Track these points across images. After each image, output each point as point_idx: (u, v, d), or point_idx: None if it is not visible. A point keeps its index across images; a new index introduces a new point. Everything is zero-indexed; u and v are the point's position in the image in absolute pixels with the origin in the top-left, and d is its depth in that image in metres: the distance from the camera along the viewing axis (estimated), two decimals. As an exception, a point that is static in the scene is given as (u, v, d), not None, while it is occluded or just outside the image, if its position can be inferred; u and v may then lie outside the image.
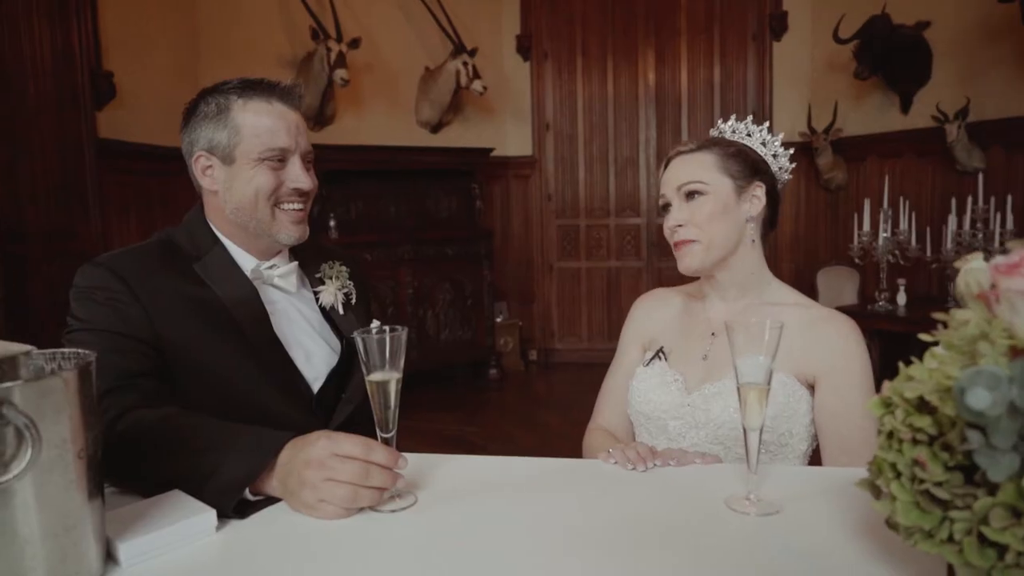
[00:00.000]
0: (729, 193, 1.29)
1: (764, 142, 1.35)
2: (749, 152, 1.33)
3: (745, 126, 1.36)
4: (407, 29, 5.56)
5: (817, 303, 1.34)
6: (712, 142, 1.33)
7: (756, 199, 1.31)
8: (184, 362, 1.16)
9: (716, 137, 1.36)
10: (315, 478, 0.88)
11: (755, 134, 1.35)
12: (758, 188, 1.31)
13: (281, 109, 1.26)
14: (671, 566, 0.77)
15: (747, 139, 1.35)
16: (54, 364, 0.83)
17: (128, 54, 4.17)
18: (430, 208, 5.67)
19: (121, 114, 4.11)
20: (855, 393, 1.20)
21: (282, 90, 1.27)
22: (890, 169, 5.05)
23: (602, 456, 1.09)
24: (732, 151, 1.31)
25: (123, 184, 4.15)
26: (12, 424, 0.66)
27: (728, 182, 1.29)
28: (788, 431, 1.21)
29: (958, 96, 4.64)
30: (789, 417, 1.21)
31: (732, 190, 1.29)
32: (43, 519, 0.70)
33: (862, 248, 4.58)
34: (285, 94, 1.27)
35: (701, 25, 5.82)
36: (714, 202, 1.28)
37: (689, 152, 1.32)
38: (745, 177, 1.30)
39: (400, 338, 0.92)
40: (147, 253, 1.24)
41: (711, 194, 1.28)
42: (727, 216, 1.28)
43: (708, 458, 1.07)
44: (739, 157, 1.31)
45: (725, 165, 1.29)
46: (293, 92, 1.29)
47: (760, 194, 1.31)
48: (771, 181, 1.34)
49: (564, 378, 5.84)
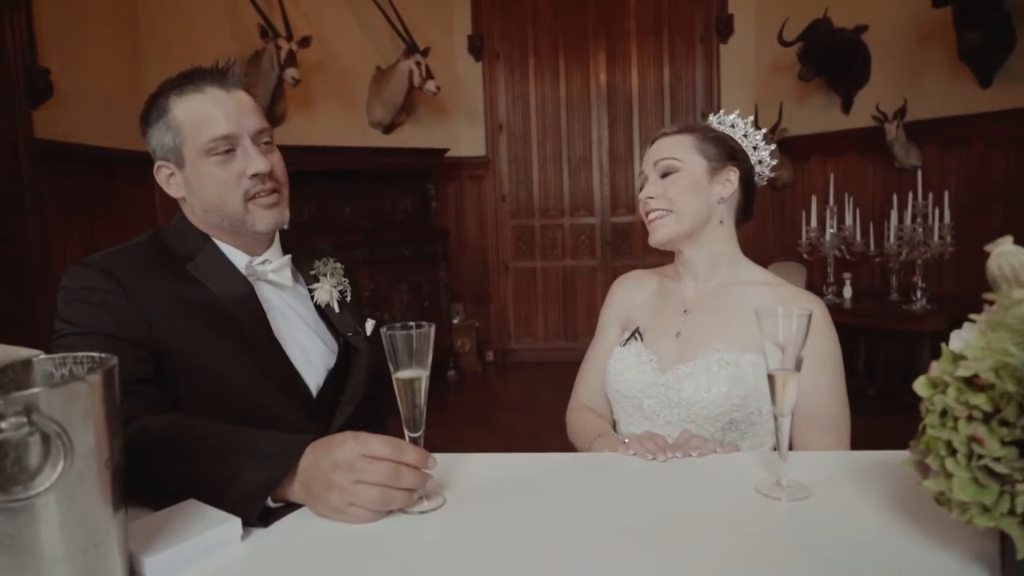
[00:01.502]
0: (702, 172, 1.35)
1: (746, 134, 1.41)
2: (728, 140, 1.39)
3: (731, 119, 1.43)
4: (358, 28, 5.47)
5: (786, 282, 1.39)
6: (694, 126, 1.40)
7: (728, 182, 1.36)
8: (182, 365, 1.11)
9: (699, 123, 1.43)
10: (344, 481, 0.85)
11: (738, 126, 1.42)
12: (731, 173, 1.36)
13: (216, 94, 1.17)
14: (709, 554, 0.77)
15: (730, 130, 1.41)
16: (64, 370, 0.78)
17: (66, 51, 3.97)
18: (385, 209, 5.60)
19: (59, 113, 3.90)
20: (822, 371, 1.24)
21: (213, 74, 1.18)
22: (834, 167, 5.23)
23: (621, 449, 1.09)
24: (712, 136, 1.38)
25: (62, 187, 3.94)
26: (40, 432, 0.62)
27: (702, 162, 1.35)
28: (758, 410, 1.26)
29: (896, 96, 4.84)
30: (759, 396, 1.25)
31: (705, 170, 1.35)
32: (71, 535, 0.65)
33: (810, 244, 4.75)
34: (217, 77, 1.18)
35: (650, 27, 5.92)
36: (686, 178, 1.34)
37: (672, 134, 1.39)
38: (720, 160, 1.36)
39: (428, 334, 0.90)
40: (139, 252, 1.18)
41: (684, 171, 1.35)
42: (698, 193, 1.34)
43: (727, 447, 1.09)
44: (717, 142, 1.37)
45: (701, 147, 1.36)
46: (227, 73, 1.19)
47: (733, 179, 1.36)
48: (746, 170, 1.39)
49: (522, 378, 5.84)
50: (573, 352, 6.76)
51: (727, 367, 1.25)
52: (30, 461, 0.62)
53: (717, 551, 0.78)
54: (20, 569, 0.63)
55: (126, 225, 4.40)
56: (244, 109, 1.18)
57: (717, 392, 1.24)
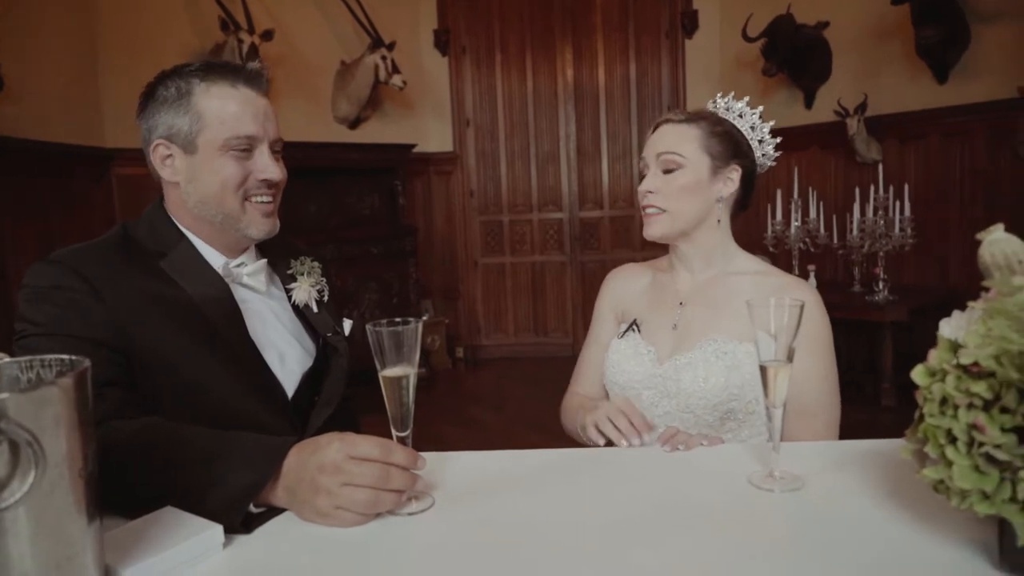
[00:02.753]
0: (704, 171, 1.32)
1: (753, 126, 1.37)
2: (734, 134, 1.35)
3: (740, 106, 1.38)
4: (321, 21, 5.38)
5: (779, 270, 1.39)
6: (701, 116, 1.35)
7: (730, 181, 1.34)
8: (153, 367, 1.06)
9: (707, 111, 1.37)
10: (331, 483, 0.82)
11: (746, 116, 1.37)
12: (734, 171, 1.34)
13: (248, 93, 1.17)
14: (702, 546, 0.77)
15: (737, 120, 1.37)
16: (31, 373, 0.73)
17: (16, 44, 3.81)
18: (352, 206, 5.51)
19: (11, 109, 3.76)
20: (812, 358, 1.24)
21: (248, 73, 1.19)
22: (797, 161, 5.31)
23: (591, 433, 1.09)
24: (719, 130, 1.33)
25: (15, 186, 3.80)
26: (8, 440, 0.58)
27: (706, 160, 1.32)
28: (755, 399, 1.26)
29: (856, 92, 4.93)
30: (757, 385, 1.24)
31: (708, 168, 1.32)
32: (43, 549, 0.62)
33: (775, 237, 4.81)
34: (252, 77, 1.18)
35: (616, 22, 5.93)
36: (688, 177, 1.31)
37: (677, 122, 1.35)
38: (724, 158, 1.32)
39: (415, 330, 0.88)
40: (107, 249, 1.12)
41: (687, 168, 1.31)
42: (698, 193, 1.32)
43: (713, 439, 1.09)
44: (723, 138, 1.33)
45: (707, 143, 1.32)
46: (261, 76, 1.20)
47: (735, 177, 1.34)
48: (750, 165, 1.36)
49: (492, 374, 5.82)
50: (543, 347, 6.80)
51: (724, 357, 1.25)
52: (-1, 471, 0.58)
53: (710, 543, 0.77)
54: (-12, 587, 0.59)
55: (84, 224, 4.25)
56: (269, 115, 1.20)
57: (715, 382, 1.24)
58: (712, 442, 1.08)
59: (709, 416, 1.26)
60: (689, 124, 1.33)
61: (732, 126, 1.36)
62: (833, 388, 1.27)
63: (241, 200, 1.18)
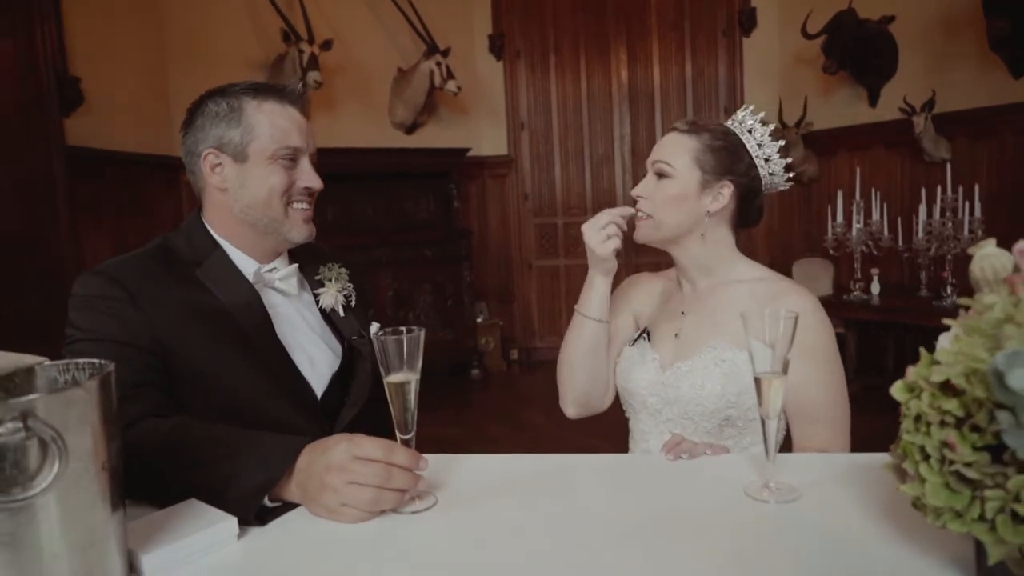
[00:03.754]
0: (693, 184, 1.32)
1: (761, 143, 1.35)
2: (735, 149, 1.34)
3: (750, 123, 1.36)
4: (378, 30, 5.53)
5: (779, 276, 1.37)
6: (705, 128, 1.34)
7: (720, 196, 1.33)
8: (187, 370, 1.14)
9: (713, 124, 1.36)
10: (337, 482, 0.87)
11: (756, 132, 1.35)
12: (725, 187, 1.33)
13: (293, 112, 1.29)
14: (693, 555, 0.78)
15: (746, 135, 1.35)
16: (68, 375, 0.81)
17: (95, 60, 4.08)
18: (407, 210, 5.64)
19: (89, 120, 4.02)
20: (809, 365, 1.22)
21: (293, 94, 1.31)
22: (860, 161, 5.14)
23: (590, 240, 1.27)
24: (717, 144, 1.33)
25: (93, 192, 4.06)
26: (37, 437, 0.65)
27: (697, 174, 1.32)
28: (754, 406, 1.24)
29: (924, 88, 4.74)
30: (754, 393, 1.23)
31: (698, 182, 1.32)
32: (69, 534, 0.69)
33: (836, 239, 4.67)
34: (297, 98, 1.31)
35: (671, 22, 5.88)
36: (675, 188, 1.32)
37: (681, 132, 1.36)
38: (716, 173, 1.32)
39: (418, 339, 0.92)
40: (147, 259, 1.22)
41: (676, 179, 1.32)
42: (684, 204, 1.32)
43: (717, 448, 1.10)
44: (720, 152, 1.33)
45: (701, 157, 1.32)
46: (303, 97, 1.33)
47: (726, 193, 1.33)
48: (748, 183, 1.34)
49: (546, 377, 5.81)
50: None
51: (722, 364, 1.26)
52: (28, 464, 0.65)
53: (703, 552, 0.79)
54: (21, 565, 0.66)
55: (155, 227, 4.51)
56: (310, 132, 1.34)
57: (711, 389, 1.26)
58: (716, 451, 1.09)
59: (707, 423, 1.27)
60: (690, 135, 1.34)
61: (736, 141, 1.34)
62: (837, 396, 1.25)
63: (284, 206, 1.28)
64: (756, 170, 1.35)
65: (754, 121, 1.36)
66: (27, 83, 3.71)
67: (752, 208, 1.38)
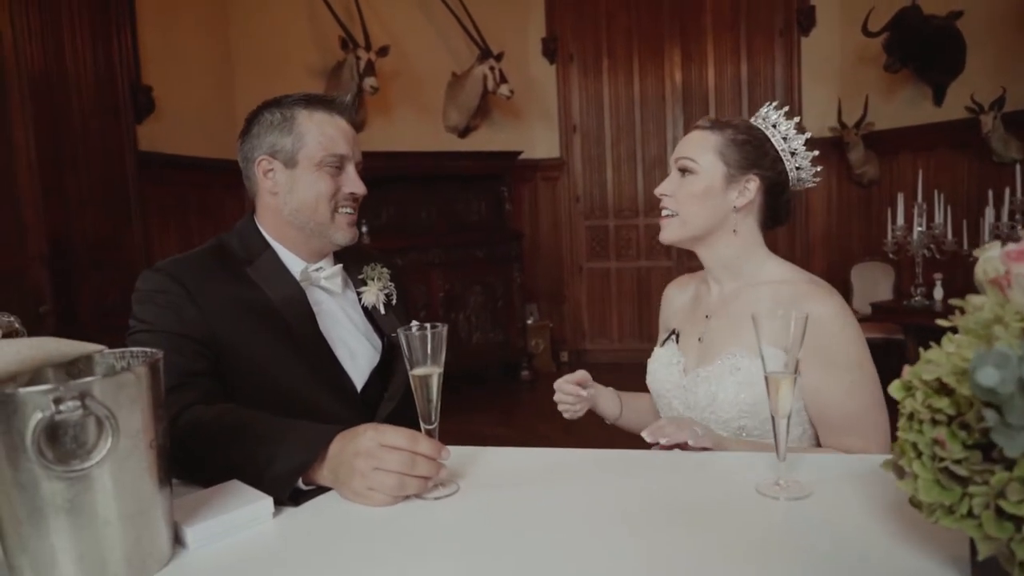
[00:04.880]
0: (718, 178, 1.31)
1: (786, 137, 1.33)
2: (760, 144, 1.32)
3: (774, 118, 1.35)
4: (433, 35, 5.65)
5: (808, 278, 1.32)
6: (727, 124, 1.33)
7: (747, 191, 1.31)
8: (237, 361, 1.23)
9: (737, 120, 1.35)
10: (364, 467, 0.93)
11: (780, 127, 1.34)
12: (751, 181, 1.31)
13: (340, 122, 1.37)
14: (704, 549, 0.81)
15: (771, 130, 1.34)
16: (124, 362, 0.90)
17: (166, 69, 4.31)
18: (460, 212, 5.74)
19: (160, 127, 4.26)
20: (837, 374, 1.19)
21: (341, 105, 1.39)
22: (923, 162, 4.98)
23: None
24: (741, 139, 1.31)
25: (162, 195, 4.29)
26: (94, 415, 0.73)
27: (721, 168, 1.31)
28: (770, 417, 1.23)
29: (993, 86, 4.56)
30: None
31: (723, 176, 1.31)
32: (120, 503, 0.76)
33: (896, 243, 4.53)
34: (345, 109, 1.39)
35: (727, 22, 5.81)
36: (700, 183, 1.31)
37: (703, 129, 1.35)
38: (740, 167, 1.30)
39: (440, 335, 0.98)
40: (203, 258, 1.31)
41: (700, 175, 1.31)
42: (709, 199, 1.31)
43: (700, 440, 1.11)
44: (744, 146, 1.31)
45: (725, 151, 1.31)
46: (351, 108, 1.42)
47: (752, 187, 1.31)
48: (771, 177, 1.32)
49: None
50: (647, 353, 6.63)
51: (737, 373, 1.25)
52: (86, 438, 0.73)
53: (714, 546, 0.81)
54: (79, 528, 0.74)
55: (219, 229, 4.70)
56: (357, 141, 1.42)
57: (723, 398, 1.25)
58: (698, 443, 1.10)
59: (722, 431, 1.25)
60: (712, 131, 1.33)
61: (761, 136, 1.33)
62: (869, 405, 1.20)
63: (331, 211, 1.36)
64: (782, 164, 1.33)
65: (778, 116, 1.35)
66: (104, 91, 3.95)
67: (780, 203, 1.36)
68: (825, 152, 5.70)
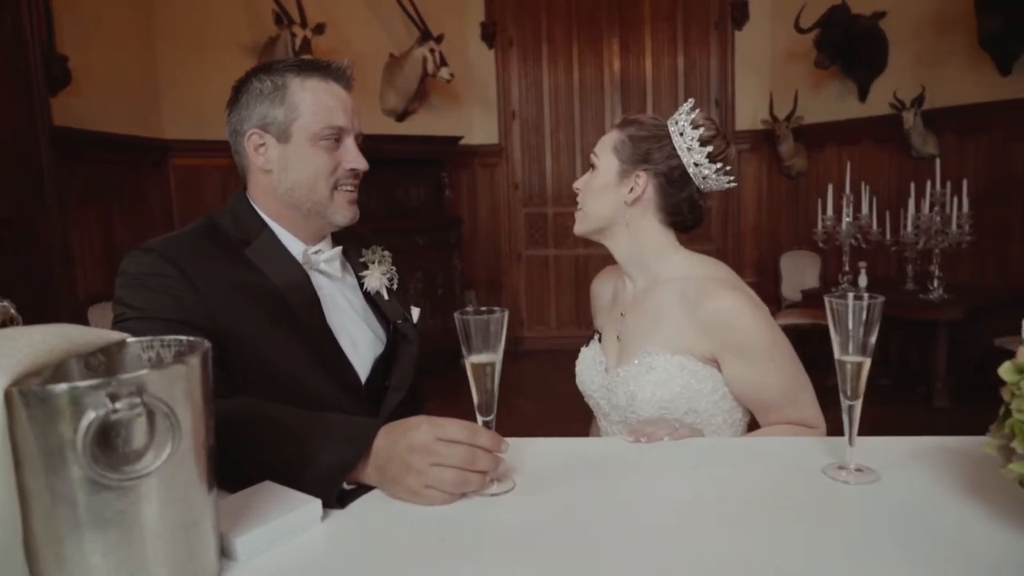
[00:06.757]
0: (613, 174, 1.34)
1: (682, 133, 1.31)
2: (657, 140, 1.31)
3: (676, 113, 1.33)
4: (371, 15, 5.46)
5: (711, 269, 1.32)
6: (630, 123, 1.35)
7: (636, 186, 1.31)
8: (237, 348, 1.11)
9: (643, 118, 1.36)
10: (421, 463, 0.86)
11: (679, 122, 1.31)
12: (639, 176, 1.31)
13: (338, 89, 1.24)
14: (783, 535, 0.78)
15: (671, 126, 1.32)
16: (151, 352, 0.79)
17: (83, 38, 3.97)
18: (399, 197, 5.60)
19: (77, 101, 3.92)
20: (759, 363, 1.22)
21: (338, 71, 1.25)
22: (849, 155, 5.22)
23: None
24: (639, 135, 1.32)
25: (80, 174, 3.96)
26: (148, 413, 0.63)
27: (615, 163, 1.33)
28: (691, 410, 1.25)
29: (913, 84, 4.82)
30: (691, 397, 1.25)
31: (616, 172, 1.33)
32: (172, 514, 0.67)
33: (826, 232, 4.72)
34: (341, 75, 1.26)
35: (664, 12, 5.89)
36: (599, 178, 1.35)
37: (615, 127, 1.38)
38: (631, 162, 1.32)
39: (501, 319, 0.91)
40: (196, 238, 1.18)
41: (599, 170, 1.35)
42: (605, 194, 1.34)
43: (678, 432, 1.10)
44: (638, 143, 1.32)
45: (620, 147, 1.33)
46: (348, 74, 1.27)
47: (640, 182, 1.31)
48: (663, 172, 1.31)
49: (535, 366, 5.86)
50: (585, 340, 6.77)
51: (651, 372, 1.26)
52: (137, 441, 0.63)
53: (787, 532, 0.79)
54: (127, 544, 0.64)
55: (142, 210, 4.41)
56: (356, 111, 1.28)
57: (641, 397, 1.26)
58: (675, 436, 1.09)
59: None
60: (619, 128, 1.36)
61: (657, 132, 1.32)
62: (792, 376, 1.23)
63: (331, 189, 1.25)
64: (677, 161, 1.31)
65: (677, 112, 1.33)
66: (12, 60, 3.59)
67: (680, 201, 1.33)
68: (757, 144, 5.92)
